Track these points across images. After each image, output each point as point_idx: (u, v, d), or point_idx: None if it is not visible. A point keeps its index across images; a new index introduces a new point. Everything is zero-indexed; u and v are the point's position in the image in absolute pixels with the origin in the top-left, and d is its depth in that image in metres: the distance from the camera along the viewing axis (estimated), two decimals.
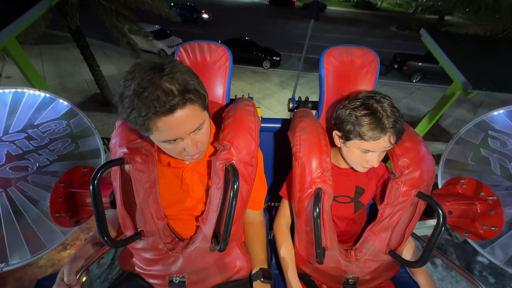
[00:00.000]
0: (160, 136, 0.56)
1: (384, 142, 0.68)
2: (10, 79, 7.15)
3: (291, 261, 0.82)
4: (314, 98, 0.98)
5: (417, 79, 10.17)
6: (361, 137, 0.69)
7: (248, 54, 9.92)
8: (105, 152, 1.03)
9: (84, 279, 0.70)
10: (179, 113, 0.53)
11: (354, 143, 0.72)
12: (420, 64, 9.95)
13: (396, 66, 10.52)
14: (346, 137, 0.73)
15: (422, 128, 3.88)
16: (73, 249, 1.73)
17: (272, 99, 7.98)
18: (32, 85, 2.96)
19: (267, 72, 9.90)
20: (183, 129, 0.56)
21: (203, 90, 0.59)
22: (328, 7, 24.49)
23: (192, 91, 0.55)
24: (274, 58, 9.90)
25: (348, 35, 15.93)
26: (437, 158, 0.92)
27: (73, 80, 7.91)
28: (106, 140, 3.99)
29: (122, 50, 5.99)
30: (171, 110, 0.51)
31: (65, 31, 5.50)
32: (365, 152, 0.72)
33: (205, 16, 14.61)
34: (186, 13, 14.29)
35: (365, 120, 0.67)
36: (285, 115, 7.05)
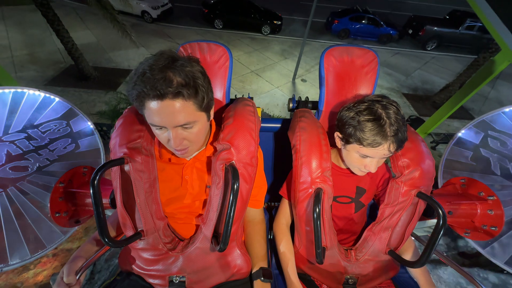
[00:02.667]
0: (149, 118, 0.58)
1: (383, 150, 0.67)
2: None
3: (291, 260, 0.82)
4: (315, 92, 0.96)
5: (433, 47, 9.10)
6: (360, 142, 0.68)
7: (245, 18, 8.61)
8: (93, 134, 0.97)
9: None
10: (168, 102, 0.54)
11: (354, 147, 0.71)
12: (437, 29, 8.84)
13: (410, 31, 9.30)
14: (346, 140, 0.73)
15: (450, 107, 3.14)
16: (38, 267, 1.44)
17: (273, 70, 7.09)
18: None
19: (266, 39, 8.77)
20: (169, 120, 0.57)
21: (205, 93, 0.59)
22: None
23: (191, 88, 0.55)
24: (275, 22, 8.68)
25: None
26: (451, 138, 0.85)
27: (44, 49, 6.72)
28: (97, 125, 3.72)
29: (100, 13, 4.89)
30: (160, 96, 0.53)
31: None
32: (363, 157, 0.72)
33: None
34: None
35: (367, 125, 0.66)
36: (287, 89, 6.34)
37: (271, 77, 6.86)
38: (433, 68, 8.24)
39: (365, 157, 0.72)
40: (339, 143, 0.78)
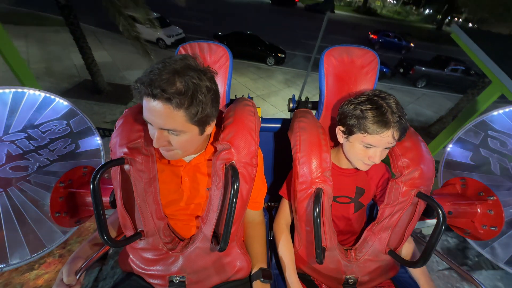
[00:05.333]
0: (143, 111, 0.59)
1: (387, 137, 0.68)
2: None
3: (291, 261, 0.82)
4: (315, 97, 0.98)
5: (423, 85, 10.27)
6: (365, 130, 0.69)
7: (252, 49, 9.55)
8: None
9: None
10: (159, 104, 0.54)
11: (357, 137, 0.72)
12: (426, 69, 10.06)
13: (401, 70, 10.60)
14: (349, 131, 0.74)
15: (447, 135, 3.49)
16: (41, 268, 1.38)
17: (277, 96, 7.73)
18: (10, 65, 2.62)
19: (271, 69, 9.62)
20: (156, 120, 0.57)
21: (202, 108, 0.58)
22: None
23: (186, 98, 0.55)
24: (279, 55, 9.58)
25: (351, 37, 15.86)
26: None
27: (61, 64, 7.29)
28: (100, 131, 3.88)
29: (116, 36, 5.58)
30: (152, 95, 0.54)
31: (54, 13, 5.02)
32: (367, 147, 0.72)
33: (412, 45, 14.65)
34: (390, 40, 14.50)
35: (370, 113, 0.68)
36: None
37: (275, 102, 7.41)
38: (425, 103, 9.21)
39: (369, 148, 0.72)
40: (341, 137, 0.79)
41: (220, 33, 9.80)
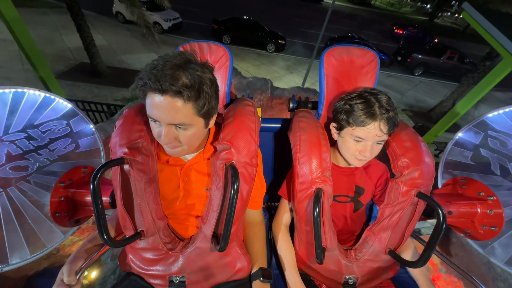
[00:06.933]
0: (148, 109, 0.59)
1: (374, 129, 0.69)
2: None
3: (292, 260, 0.82)
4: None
5: (420, 73, 10.56)
6: (353, 123, 0.71)
7: (252, 35, 9.41)
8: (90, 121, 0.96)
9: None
10: (168, 99, 0.55)
11: (347, 131, 0.74)
12: (423, 57, 10.35)
13: (399, 58, 10.93)
14: (340, 126, 0.76)
15: (452, 117, 3.70)
16: (76, 235, 1.44)
17: (281, 82, 7.82)
18: (16, 38, 2.73)
19: (271, 55, 9.68)
20: (164, 116, 0.57)
21: (208, 100, 0.60)
22: (324, 0, 24.41)
23: (194, 91, 0.56)
24: (280, 41, 9.53)
25: (348, 27, 15.90)
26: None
27: (53, 47, 6.95)
28: (111, 107, 3.82)
29: (109, 20, 5.20)
30: (161, 91, 0.54)
31: None
32: (358, 141, 0.74)
33: (436, 40, 14.57)
34: (414, 35, 15.09)
35: (358, 106, 0.71)
36: None
37: (280, 86, 7.51)
38: (423, 90, 9.54)
39: (360, 141, 0.74)
40: (335, 134, 0.81)
41: (218, 19, 9.64)
